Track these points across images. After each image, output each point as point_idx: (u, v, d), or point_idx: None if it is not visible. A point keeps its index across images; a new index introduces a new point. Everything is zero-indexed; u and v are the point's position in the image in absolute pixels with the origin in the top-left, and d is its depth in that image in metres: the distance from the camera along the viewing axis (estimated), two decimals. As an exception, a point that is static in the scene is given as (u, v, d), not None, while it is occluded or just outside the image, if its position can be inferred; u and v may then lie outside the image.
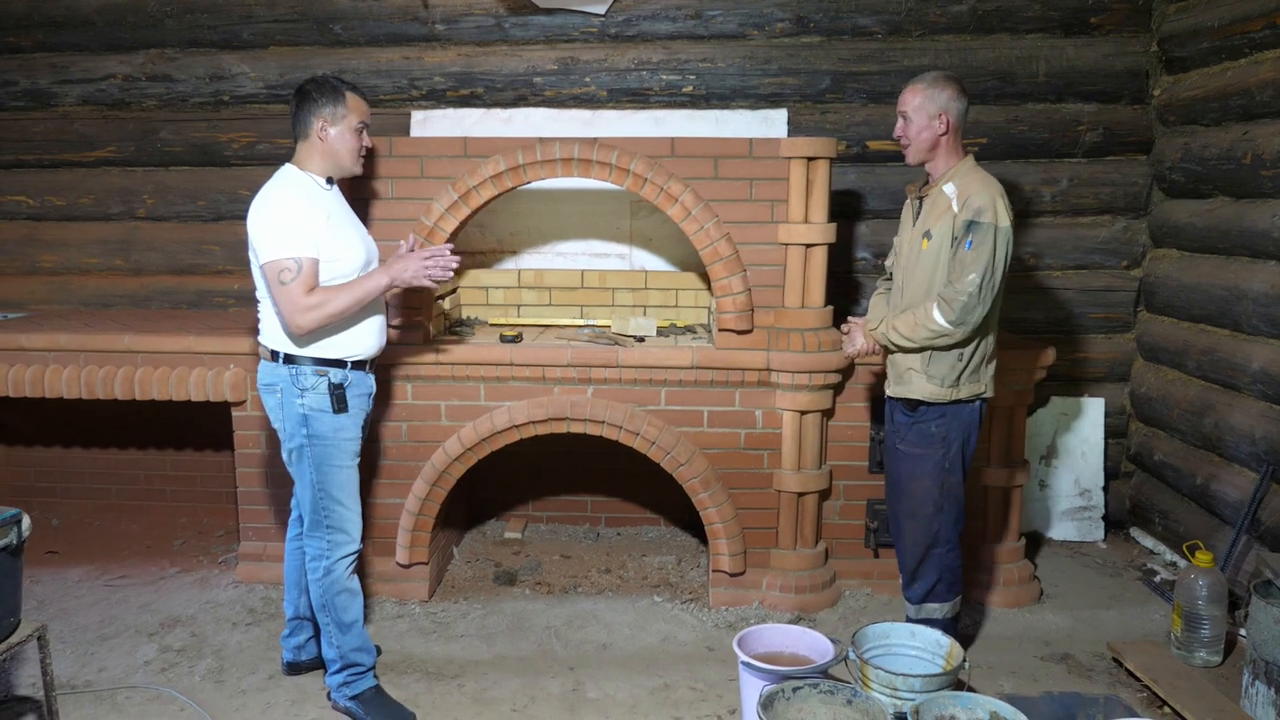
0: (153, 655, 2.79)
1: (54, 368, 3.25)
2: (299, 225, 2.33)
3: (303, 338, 2.37)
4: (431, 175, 3.03)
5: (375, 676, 2.52)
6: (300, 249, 2.32)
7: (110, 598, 3.18)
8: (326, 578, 2.44)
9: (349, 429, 2.45)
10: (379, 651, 2.70)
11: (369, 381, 2.53)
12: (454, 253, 2.51)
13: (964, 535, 2.64)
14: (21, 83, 3.92)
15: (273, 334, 2.43)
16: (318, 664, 2.67)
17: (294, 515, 2.66)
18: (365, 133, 2.49)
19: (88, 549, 3.60)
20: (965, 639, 2.85)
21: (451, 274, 2.51)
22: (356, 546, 2.49)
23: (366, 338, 2.47)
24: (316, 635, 2.64)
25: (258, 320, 2.48)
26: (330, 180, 2.47)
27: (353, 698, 2.46)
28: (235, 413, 3.25)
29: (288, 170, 2.45)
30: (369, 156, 2.98)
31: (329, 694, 2.52)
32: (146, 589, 3.26)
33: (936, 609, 2.56)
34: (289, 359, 2.40)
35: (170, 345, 3.23)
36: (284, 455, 2.49)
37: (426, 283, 2.49)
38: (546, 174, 2.99)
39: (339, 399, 2.40)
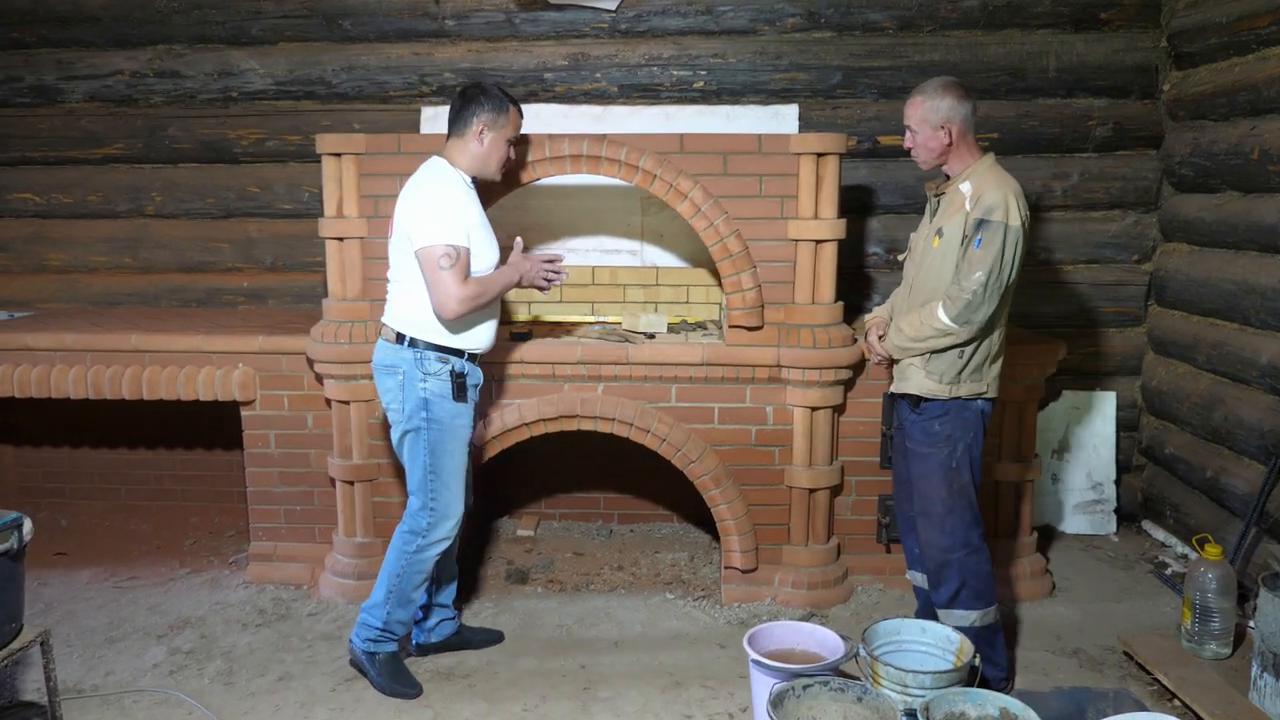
0: (161, 658, 2.79)
1: (60, 367, 3.25)
2: (458, 215, 2.45)
3: (451, 323, 2.47)
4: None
5: (399, 645, 2.64)
6: (458, 237, 2.43)
7: (119, 599, 3.18)
8: (418, 554, 2.56)
9: (464, 416, 2.55)
10: None
11: (479, 374, 2.63)
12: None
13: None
14: (27, 79, 3.91)
15: (403, 317, 2.52)
16: (445, 646, 2.79)
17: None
18: (513, 148, 2.61)
19: (97, 550, 3.60)
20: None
21: (562, 280, 2.70)
22: (452, 534, 2.59)
23: (486, 332, 2.59)
24: (443, 620, 2.79)
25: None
26: (474, 181, 2.57)
27: (371, 653, 2.59)
28: (244, 412, 3.25)
29: (439, 163, 2.55)
30: (380, 155, 2.98)
31: (351, 637, 2.63)
32: (156, 590, 3.26)
33: (964, 616, 2.50)
34: (414, 343, 2.49)
35: (178, 344, 3.23)
36: (393, 437, 2.58)
37: (541, 284, 2.67)
38: (555, 170, 2.98)
39: (460, 387, 2.51)
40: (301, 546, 3.30)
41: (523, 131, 2.68)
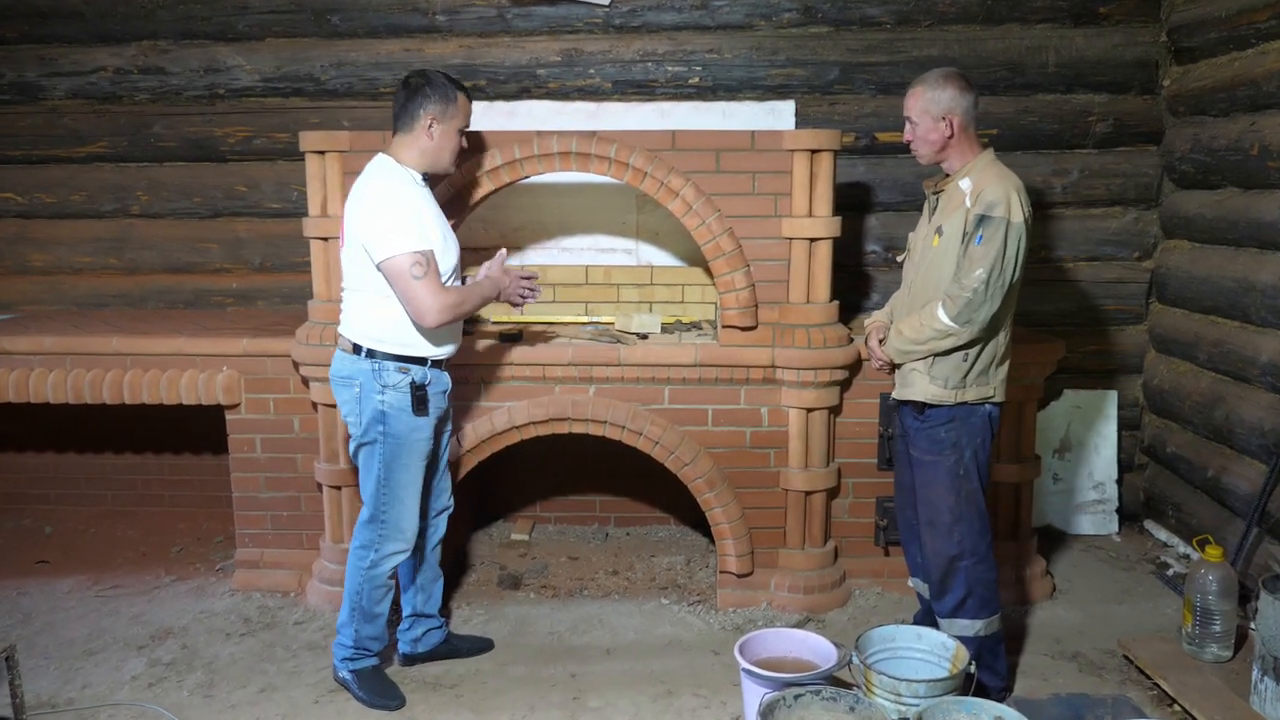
0: (140, 670, 2.72)
1: (39, 371, 3.18)
2: (415, 218, 2.34)
3: (430, 332, 2.38)
4: (429, 170, 2.96)
5: (379, 657, 2.59)
6: (422, 241, 2.33)
7: (101, 609, 3.11)
8: (371, 570, 2.49)
9: (424, 429, 2.46)
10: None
11: (445, 379, 2.55)
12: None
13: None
14: (8, 75, 3.84)
15: (358, 326, 2.43)
16: (433, 655, 2.73)
17: None
18: (464, 134, 2.51)
19: (81, 558, 3.53)
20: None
21: (536, 298, 2.64)
22: (407, 548, 2.53)
23: (449, 337, 2.49)
24: (430, 629, 2.73)
25: (337, 314, 2.51)
26: (425, 177, 2.47)
27: (353, 671, 2.54)
28: (229, 416, 3.19)
29: (385, 162, 2.43)
30: (366, 153, 2.91)
31: (334, 662, 2.59)
32: (139, 599, 3.19)
33: (968, 626, 2.44)
34: (371, 354, 2.40)
35: (160, 347, 3.17)
36: (350, 448, 2.51)
37: (516, 300, 2.60)
38: (544, 168, 2.92)
39: (420, 400, 2.42)
40: (289, 553, 3.24)
41: (516, 128, 2.62)
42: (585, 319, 3.51)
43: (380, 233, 2.31)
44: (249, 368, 3.16)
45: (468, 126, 2.51)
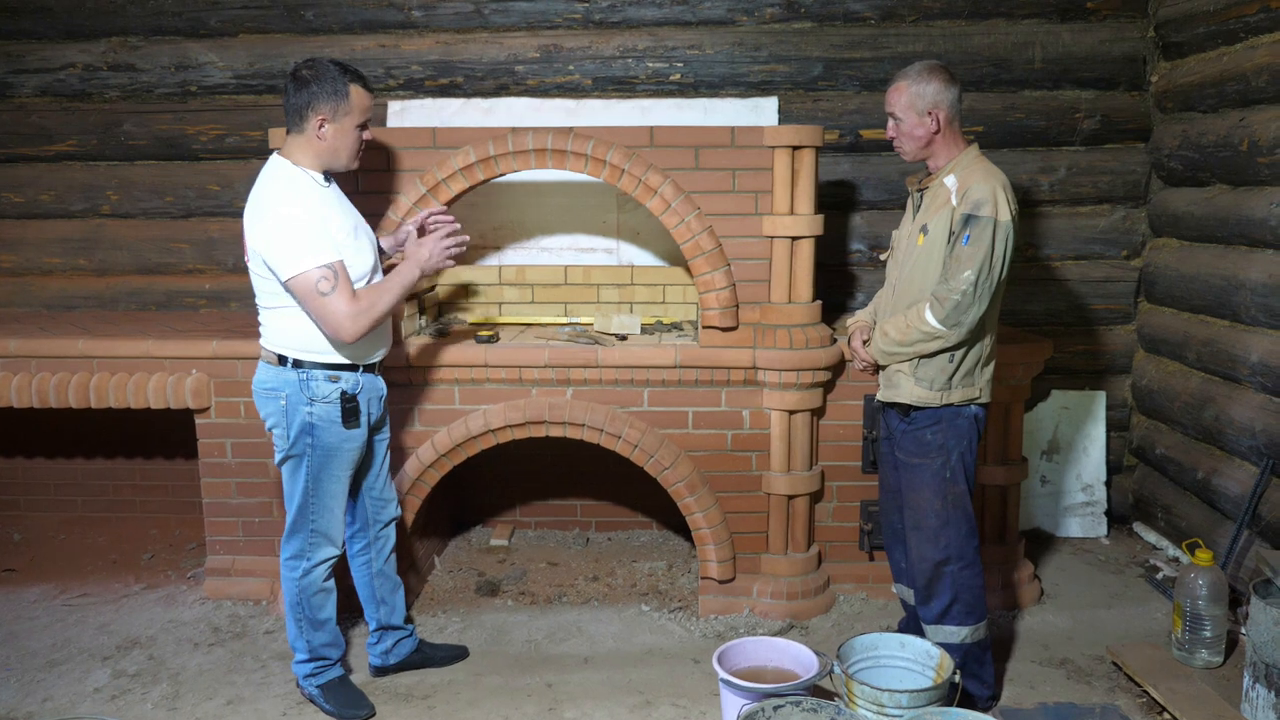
0: (104, 681, 2.64)
1: (3, 375, 3.10)
2: (316, 229, 2.19)
3: (351, 344, 2.28)
4: (400, 168, 2.89)
5: (342, 667, 2.53)
6: (327, 253, 2.19)
7: (67, 619, 3.03)
8: (305, 579, 2.41)
9: (355, 439, 2.38)
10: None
11: (380, 384, 2.47)
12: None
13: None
14: (-25, 73, 3.76)
15: (280, 339, 2.32)
16: (405, 665, 2.66)
17: (353, 528, 2.57)
18: (367, 129, 2.35)
19: (50, 565, 3.44)
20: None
21: (465, 246, 2.45)
22: (337, 552, 2.46)
23: (377, 340, 2.40)
24: (400, 640, 2.66)
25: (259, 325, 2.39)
26: (327, 176, 2.34)
27: (319, 686, 2.47)
28: (199, 420, 3.11)
29: (280, 166, 2.28)
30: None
31: (297, 681, 2.51)
32: (107, 608, 3.11)
33: (954, 633, 2.38)
34: (298, 364, 2.30)
35: (127, 350, 3.08)
36: (277, 457, 2.40)
37: (449, 264, 2.42)
38: (519, 166, 2.85)
39: (350, 413, 2.32)
40: (260, 560, 3.16)
41: (494, 125, 2.53)
42: (564, 320, 3.44)
43: (281, 251, 2.17)
44: (219, 370, 3.09)
45: (367, 121, 2.33)
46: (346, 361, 2.33)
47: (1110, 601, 3.13)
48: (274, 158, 2.31)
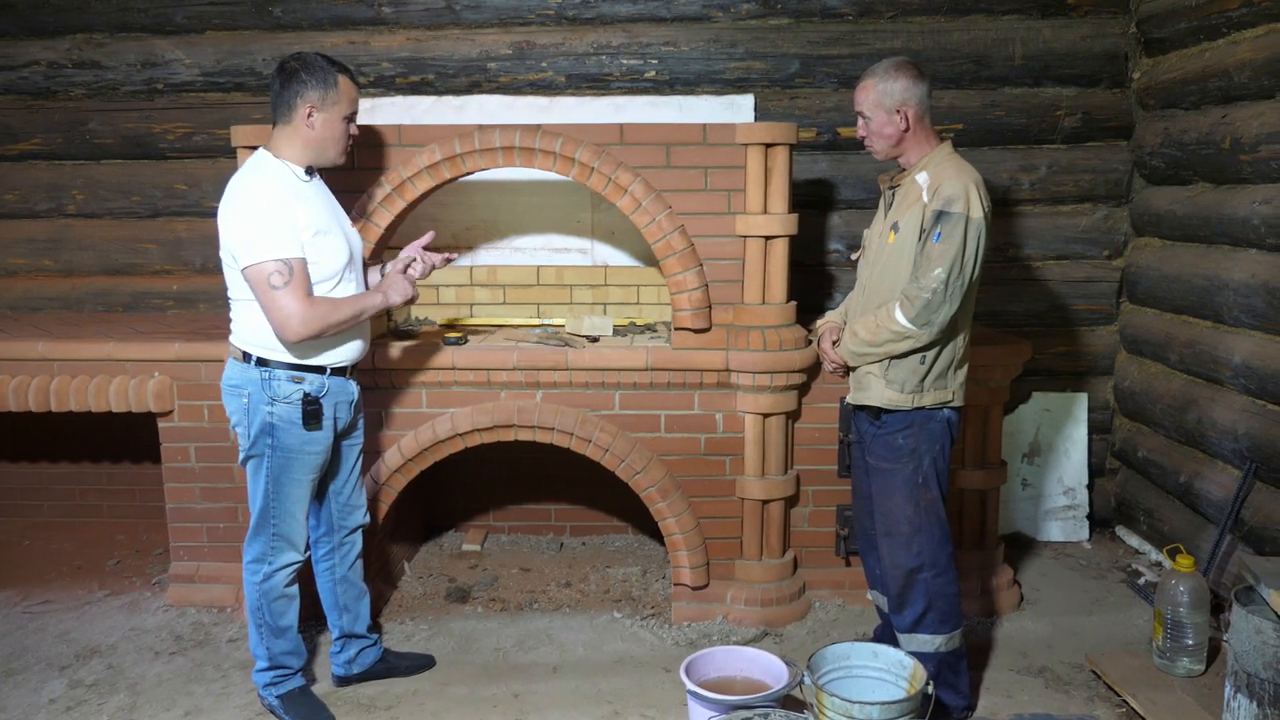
0: (60, 692, 2.57)
1: (-41, 378, 3.03)
2: (282, 222, 2.16)
3: (296, 346, 2.23)
4: (365, 166, 2.83)
5: (303, 677, 2.47)
6: (288, 248, 2.15)
7: (27, 626, 2.96)
8: (266, 583, 2.36)
9: (318, 442, 2.32)
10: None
11: (350, 388, 2.41)
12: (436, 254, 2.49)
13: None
14: (-63, 71, 3.68)
15: (246, 335, 2.28)
16: (369, 675, 2.61)
17: (318, 533, 2.52)
18: (354, 121, 2.33)
19: (12, 571, 3.36)
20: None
21: (433, 268, 2.50)
22: (300, 557, 2.40)
23: (350, 343, 2.35)
24: (364, 649, 2.61)
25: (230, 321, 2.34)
26: (310, 170, 2.30)
27: (279, 696, 2.41)
28: (161, 424, 3.04)
29: (262, 158, 2.27)
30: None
31: (257, 691, 2.45)
32: (69, 615, 3.04)
33: (928, 641, 2.33)
34: (262, 362, 2.25)
35: (88, 352, 3.02)
36: (239, 457, 2.36)
37: (408, 295, 2.42)
38: (487, 164, 2.79)
39: (312, 415, 2.27)
40: (225, 566, 3.09)
41: (464, 122, 2.48)
42: (536, 321, 3.38)
43: (242, 238, 2.15)
44: (182, 373, 3.02)
45: (354, 112, 2.32)
46: (312, 363, 2.28)
47: (1091, 607, 3.09)
48: (258, 151, 2.30)
